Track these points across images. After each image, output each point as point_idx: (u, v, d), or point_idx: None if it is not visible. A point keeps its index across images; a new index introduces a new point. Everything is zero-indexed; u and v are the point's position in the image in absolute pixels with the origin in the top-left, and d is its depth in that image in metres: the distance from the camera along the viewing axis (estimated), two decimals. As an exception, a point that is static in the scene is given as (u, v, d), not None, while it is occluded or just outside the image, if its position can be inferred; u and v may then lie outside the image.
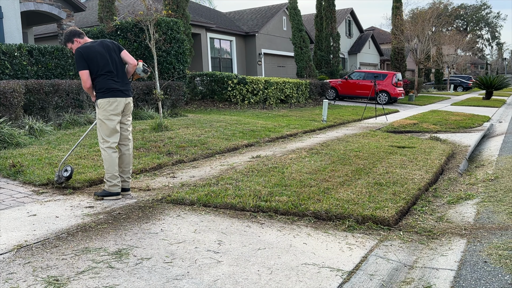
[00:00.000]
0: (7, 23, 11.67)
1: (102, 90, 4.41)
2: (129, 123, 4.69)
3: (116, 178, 4.47)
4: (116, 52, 4.54)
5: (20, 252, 3.11)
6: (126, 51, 4.64)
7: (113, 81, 4.44)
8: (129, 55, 4.61)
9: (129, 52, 12.61)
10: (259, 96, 15.87)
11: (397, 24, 29.23)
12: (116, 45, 4.60)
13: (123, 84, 4.53)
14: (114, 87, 4.43)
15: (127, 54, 4.61)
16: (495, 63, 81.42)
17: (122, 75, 4.54)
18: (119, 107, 4.46)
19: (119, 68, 4.53)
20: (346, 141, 8.31)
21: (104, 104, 4.40)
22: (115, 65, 4.49)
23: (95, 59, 4.37)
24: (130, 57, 4.59)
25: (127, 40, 12.13)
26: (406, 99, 24.10)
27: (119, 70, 4.52)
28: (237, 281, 2.68)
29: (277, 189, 4.66)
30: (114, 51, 4.53)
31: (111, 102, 4.40)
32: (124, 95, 4.51)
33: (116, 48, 4.57)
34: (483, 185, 5.11)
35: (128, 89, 4.60)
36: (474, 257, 3.04)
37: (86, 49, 4.38)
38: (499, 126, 12.23)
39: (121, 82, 4.51)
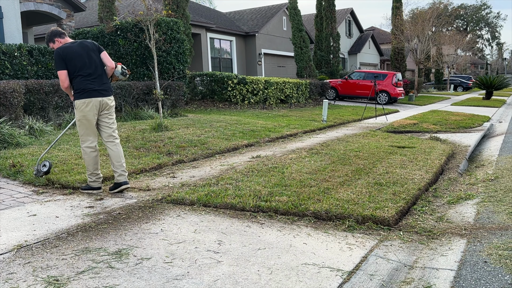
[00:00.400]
0: (7, 23, 11.67)
1: (78, 91, 4.52)
2: (111, 121, 4.76)
3: (94, 176, 4.69)
4: (95, 52, 4.63)
5: (20, 252, 3.11)
6: (106, 53, 4.74)
7: (89, 81, 4.52)
8: (108, 57, 4.71)
9: (129, 52, 12.59)
10: (259, 96, 15.87)
11: (397, 24, 29.23)
12: (96, 45, 4.68)
13: (100, 83, 4.60)
14: (89, 87, 4.51)
15: (106, 56, 4.70)
16: (495, 63, 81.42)
17: (100, 75, 4.62)
18: (95, 107, 4.55)
19: (98, 68, 4.61)
20: (346, 141, 8.32)
21: (80, 105, 4.51)
22: (94, 65, 4.57)
23: (73, 59, 4.47)
24: (109, 60, 4.69)
25: (127, 40, 12.13)
26: (406, 99, 24.10)
27: (98, 70, 4.60)
28: (237, 281, 2.68)
29: (277, 189, 4.66)
30: (94, 51, 4.61)
31: (87, 103, 4.50)
32: (101, 95, 4.58)
33: (96, 48, 4.65)
34: (483, 185, 5.11)
35: (106, 88, 4.66)
36: (474, 257, 3.04)
37: (65, 50, 4.48)
38: (499, 126, 12.23)
39: (98, 82, 4.58)
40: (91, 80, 4.52)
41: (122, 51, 12.36)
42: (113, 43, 12.45)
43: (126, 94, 10.55)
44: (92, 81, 4.52)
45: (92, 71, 4.53)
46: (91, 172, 4.68)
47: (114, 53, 12.53)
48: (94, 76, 4.55)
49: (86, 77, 4.50)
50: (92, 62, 4.56)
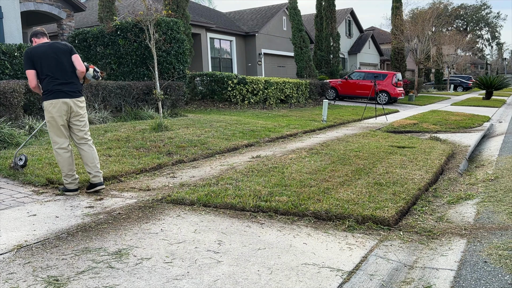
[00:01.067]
0: (7, 23, 11.67)
1: (45, 92, 4.55)
2: (83, 124, 4.74)
3: (70, 177, 4.68)
4: (66, 55, 4.63)
5: (20, 252, 3.11)
6: (77, 56, 4.73)
7: (56, 83, 4.52)
8: (79, 60, 4.70)
9: (129, 52, 12.60)
10: (259, 96, 15.87)
11: (397, 24, 29.22)
12: (69, 48, 4.68)
13: (68, 85, 4.59)
14: (57, 88, 4.52)
15: (78, 60, 4.69)
16: (495, 63, 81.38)
17: (69, 77, 4.62)
18: (63, 108, 4.54)
19: (67, 70, 4.61)
20: (346, 141, 8.31)
21: (48, 105, 4.52)
22: (62, 67, 4.57)
23: (41, 60, 4.50)
24: (80, 64, 4.68)
25: (127, 40, 12.14)
26: (406, 99, 24.10)
27: (67, 72, 4.60)
28: (237, 281, 2.68)
29: (277, 189, 4.66)
30: (65, 54, 4.62)
31: (54, 103, 4.51)
32: (68, 96, 4.57)
33: (68, 51, 4.65)
34: (483, 185, 5.11)
35: (74, 90, 4.64)
36: (474, 257, 3.04)
37: (33, 50, 4.54)
38: (499, 126, 12.23)
39: (66, 83, 4.58)
40: (59, 81, 4.53)
41: (122, 51, 12.36)
42: (113, 43, 12.45)
43: (126, 94, 10.55)
44: (60, 83, 4.54)
45: (60, 72, 4.56)
46: (66, 174, 4.66)
47: (114, 53, 12.54)
48: (62, 78, 4.56)
49: (54, 78, 4.53)
50: (61, 64, 4.57)
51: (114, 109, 10.54)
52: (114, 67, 12.65)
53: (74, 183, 4.73)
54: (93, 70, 4.78)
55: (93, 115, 9.31)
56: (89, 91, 9.69)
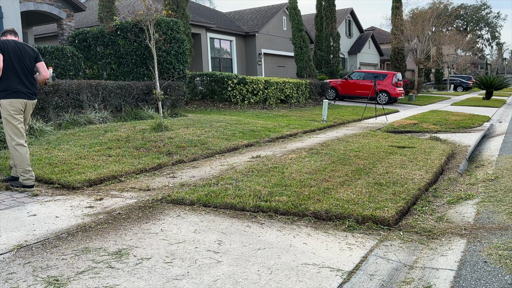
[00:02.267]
0: (7, 23, 11.66)
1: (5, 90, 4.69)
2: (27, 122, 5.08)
3: (28, 173, 4.82)
4: (32, 59, 4.84)
5: (20, 252, 3.11)
6: (43, 63, 4.98)
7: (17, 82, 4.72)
8: (44, 67, 4.96)
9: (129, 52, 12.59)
10: (259, 96, 15.87)
11: (397, 24, 29.22)
12: (36, 53, 4.91)
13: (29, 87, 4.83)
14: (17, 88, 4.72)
15: (43, 66, 4.94)
16: (495, 63, 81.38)
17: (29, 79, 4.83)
18: (21, 107, 4.77)
19: (28, 73, 4.81)
20: (346, 141, 8.31)
21: (6, 104, 4.69)
22: (25, 68, 4.77)
23: (8, 53, 4.65)
24: (45, 70, 4.94)
25: (127, 40, 12.14)
26: (406, 99, 24.10)
27: (27, 75, 4.81)
28: (237, 281, 2.68)
29: (277, 189, 4.66)
30: (30, 58, 4.82)
31: (13, 102, 4.70)
32: (28, 97, 4.82)
33: (35, 56, 4.87)
34: (483, 185, 5.10)
35: (34, 92, 4.92)
36: (474, 257, 3.04)
37: (5, 42, 4.70)
38: (499, 126, 12.23)
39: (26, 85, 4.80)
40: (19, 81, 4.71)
41: (122, 51, 12.37)
42: (113, 43, 12.45)
43: (126, 94, 10.56)
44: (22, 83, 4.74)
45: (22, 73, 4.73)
46: (24, 169, 4.79)
47: (114, 53, 12.54)
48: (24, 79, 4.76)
49: (17, 77, 4.70)
50: (25, 65, 4.77)
51: (114, 109, 10.54)
52: (114, 67, 12.65)
53: (32, 179, 4.86)
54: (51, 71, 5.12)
55: (93, 115, 9.31)
56: (89, 91, 9.69)
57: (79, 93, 9.41)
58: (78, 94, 9.42)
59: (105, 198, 4.56)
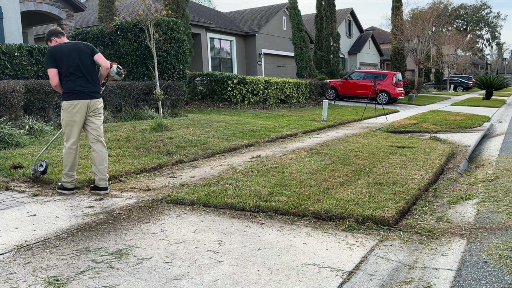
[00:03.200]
0: (7, 23, 11.67)
1: (66, 91, 4.56)
2: (100, 124, 4.80)
3: (69, 177, 4.71)
4: (88, 55, 4.65)
5: (20, 252, 3.11)
6: (100, 54, 4.75)
7: (78, 83, 4.55)
8: (102, 58, 4.72)
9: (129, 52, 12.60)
10: (259, 96, 15.87)
11: (397, 24, 29.22)
12: (90, 48, 4.70)
13: (90, 86, 4.64)
14: (78, 89, 4.56)
15: (101, 57, 4.71)
16: (495, 63, 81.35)
17: (91, 77, 4.65)
18: (82, 109, 4.59)
19: (90, 70, 4.64)
20: (346, 141, 8.31)
21: (68, 106, 4.56)
22: (85, 67, 4.60)
23: (63, 59, 4.52)
24: (104, 60, 4.70)
25: (127, 40, 12.13)
26: (406, 99, 24.10)
27: (89, 72, 4.64)
28: (237, 281, 2.68)
29: (277, 189, 4.66)
30: (86, 54, 4.64)
31: (75, 104, 4.55)
32: (89, 97, 4.62)
33: (90, 51, 4.67)
34: (483, 185, 5.10)
35: (96, 91, 4.71)
36: (474, 257, 3.04)
37: (57, 49, 4.55)
38: (499, 126, 12.23)
39: (88, 84, 4.62)
40: (81, 82, 4.56)
41: (122, 51, 12.36)
42: (113, 43, 12.45)
43: (126, 94, 10.55)
44: (81, 84, 4.56)
45: (82, 73, 4.58)
46: (66, 173, 4.70)
47: (114, 53, 12.53)
48: (84, 78, 4.59)
49: (76, 77, 4.55)
50: (84, 64, 4.59)
51: (114, 109, 10.54)
52: (114, 67, 12.63)
53: (72, 183, 4.78)
54: (116, 66, 4.80)
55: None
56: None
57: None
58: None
59: (105, 198, 4.56)
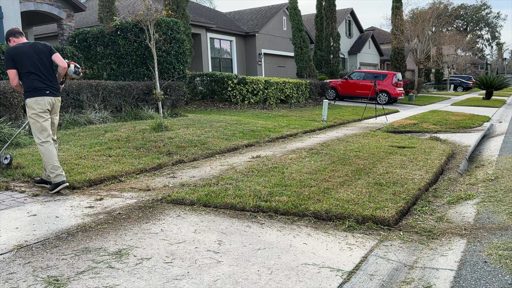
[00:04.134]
0: (7, 23, 11.67)
1: (30, 89, 4.67)
2: (57, 122, 5.00)
3: (57, 169, 4.69)
4: (46, 54, 4.78)
5: (20, 252, 3.11)
6: (58, 54, 4.88)
7: (40, 81, 4.69)
8: (60, 58, 4.85)
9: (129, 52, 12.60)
10: (259, 96, 15.87)
11: (397, 24, 29.22)
12: (48, 48, 4.84)
13: (50, 83, 4.78)
14: (40, 86, 4.69)
15: (59, 57, 4.85)
16: (495, 63, 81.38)
17: (50, 75, 4.80)
18: (47, 105, 4.73)
19: (48, 69, 4.78)
20: (346, 141, 8.31)
21: (32, 103, 4.66)
22: (43, 66, 4.73)
23: (22, 59, 4.64)
24: (61, 60, 4.84)
25: (127, 40, 12.13)
26: (406, 99, 24.10)
27: (47, 71, 4.77)
28: (237, 281, 2.68)
29: (277, 189, 4.66)
30: (44, 54, 4.77)
31: (38, 101, 4.67)
32: (52, 94, 4.79)
33: (48, 51, 4.81)
34: (483, 185, 5.10)
35: (56, 88, 4.87)
36: (474, 257, 3.04)
37: (14, 49, 4.67)
38: (499, 126, 12.23)
39: (48, 81, 4.76)
40: (41, 80, 4.69)
41: (122, 51, 12.36)
42: (113, 43, 12.45)
43: (126, 94, 10.55)
44: (42, 81, 4.70)
45: (41, 72, 4.71)
46: (53, 166, 4.69)
47: (114, 53, 12.54)
48: (44, 76, 4.73)
49: (36, 76, 4.67)
50: (42, 63, 4.72)
51: (114, 109, 10.54)
52: (114, 67, 12.65)
53: (62, 174, 4.74)
54: (74, 66, 4.97)
55: (93, 115, 9.31)
56: (89, 91, 9.69)
57: (79, 93, 9.41)
58: (78, 94, 9.42)
59: (105, 198, 4.56)
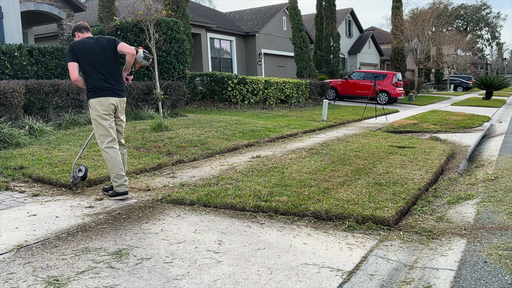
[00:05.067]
0: (7, 23, 11.67)
1: (93, 89, 4.37)
2: (123, 123, 4.68)
3: (120, 178, 4.41)
4: (111, 49, 4.43)
5: (20, 252, 3.11)
6: (123, 43, 4.48)
7: (104, 80, 4.37)
8: (126, 45, 4.45)
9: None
10: (259, 96, 15.87)
11: (397, 24, 29.21)
12: (112, 41, 4.47)
13: (116, 83, 4.46)
14: (105, 86, 4.37)
15: (124, 46, 4.45)
16: (495, 63, 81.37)
17: (114, 74, 4.46)
18: (111, 107, 4.41)
19: (113, 67, 4.45)
20: (346, 141, 8.31)
21: (95, 103, 4.35)
22: (109, 64, 4.41)
23: (84, 55, 4.33)
24: (128, 47, 4.42)
25: (127, 40, 12.12)
26: (406, 99, 24.10)
27: (113, 70, 4.45)
28: (237, 281, 2.68)
29: (277, 189, 4.66)
30: (109, 49, 4.42)
31: (102, 102, 4.36)
32: (117, 95, 4.45)
33: (112, 45, 4.45)
34: (483, 185, 5.10)
35: (121, 89, 4.53)
36: (474, 257, 3.04)
37: (78, 43, 4.37)
38: (499, 126, 12.23)
39: (113, 81, 4.44)
40: (105, 79, 4.38)
41: (122, 51, 12.34)
42: (113, 43, 12.44)
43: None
44: (108, 81, 4.39)
45: (105, 70, 4.38)
46: (116, 174, 4.38)
47: (114, 53, 12.52)
48: (110, 76, 4.41)
49: (101, 75, 4.36)
50: (108, 60, 4.40)
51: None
52: (114, 67, 12.63)
53: (125, 185, 4.44)
54: (142, 51, 4.50)
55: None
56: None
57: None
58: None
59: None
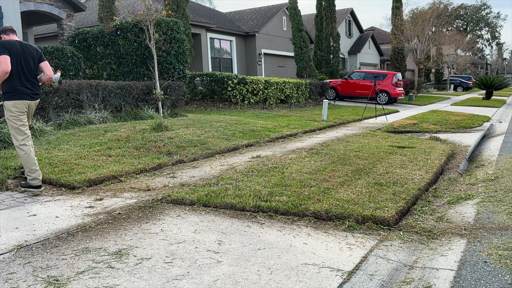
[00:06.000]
0: (7, 23, 11.66)
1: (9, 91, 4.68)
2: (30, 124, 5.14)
3: (34, 172, 4.79)
4: (35, 60, 4.82)
5: (20, 252, 3.11)
6: (47, 63, 4.97)
7: (21, 84, 4.70)
8: (48, 67, 4.95)
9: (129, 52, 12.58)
10: (259, 96, 15.87)
11: (397, 24, 29.22)
12: (39, 53, 4.88)
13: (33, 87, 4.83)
14: (21, 89, 4.71)
15: (47, 66, 4.93)
16: (495, 63, 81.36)
17: (32, 80, 4.81)
18: (25, 108, 4.77)
19: (32, 73, 4.80)
20: (346, 141, 8.31)
21: (10, 106, 4.68)
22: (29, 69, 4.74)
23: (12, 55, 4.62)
24: (49, 69, 4.93)
25: (127, 40, 12.13)
26: (406, 99, 24.10)
27: (32, 75, 4.80)
28: (237, 281, 2.68)
29: (277, 189, 4.66)
30: (34, 59, 4.81)
31: (17, 104, 4.70)
32: (31, 98, 4.82)
33: (38, 57, 4.85)
34: (483, 185, 5.10)
35: (37, 93, 4.91)
36: (474, 257, 3.04)
37: (9, 43, 4.66)
38: (499, 126, 12.23)
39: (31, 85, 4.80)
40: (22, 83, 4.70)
41: (122, 51, 12.36)
42: (113, 43, 12.45)
43: (126, 94, 10.55)
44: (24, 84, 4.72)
45: (24, 74, 4.72)
46: (30, 169, 4.77)
47: (114, 53, 12.54)
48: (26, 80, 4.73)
49: (19, 79, 4.68)
50: (28, 66, 4.74)
51: (114, 109, 10.54)
52: (114, 67, 12.65)
53: (38, 179, 4.82)
54: (60, 74, 5.06)
55: (93, 115, 9.31)
56: (89, 91, 9.69)
57: (79, 93, 9.41)
58: (78, 94, 9.42)
59: (105, 198, 4.56)
